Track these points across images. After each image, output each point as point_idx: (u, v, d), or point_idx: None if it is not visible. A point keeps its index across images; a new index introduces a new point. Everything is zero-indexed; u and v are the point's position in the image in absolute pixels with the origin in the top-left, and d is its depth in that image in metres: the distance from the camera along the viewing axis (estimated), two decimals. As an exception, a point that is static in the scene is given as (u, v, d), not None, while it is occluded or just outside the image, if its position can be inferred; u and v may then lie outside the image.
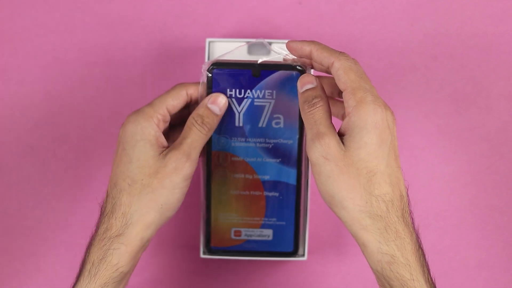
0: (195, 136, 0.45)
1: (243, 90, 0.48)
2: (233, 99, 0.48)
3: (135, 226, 0.44)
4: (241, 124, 0.49)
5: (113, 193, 0.45)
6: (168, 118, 0.47)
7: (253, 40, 0.50)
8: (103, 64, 0.63)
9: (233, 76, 0.47)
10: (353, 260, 0.61)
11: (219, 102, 0.47)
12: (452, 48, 0.63)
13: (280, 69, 0.47)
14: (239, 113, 0.48)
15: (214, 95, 0.47)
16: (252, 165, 0.50)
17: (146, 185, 0.44)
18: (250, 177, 0.50)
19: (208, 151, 0.49)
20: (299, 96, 0.45)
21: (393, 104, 0.62)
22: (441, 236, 0.61)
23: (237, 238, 0.53)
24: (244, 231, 0.52)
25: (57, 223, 0.62)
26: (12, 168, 0.62)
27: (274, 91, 0.48)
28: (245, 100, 0.48)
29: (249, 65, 0.47)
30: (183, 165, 0.44)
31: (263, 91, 0.48)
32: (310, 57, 0.46)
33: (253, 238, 0.53)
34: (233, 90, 0.47)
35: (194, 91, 0.48)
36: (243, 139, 0.49)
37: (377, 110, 0.41)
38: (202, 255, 0.58)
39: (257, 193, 0.51)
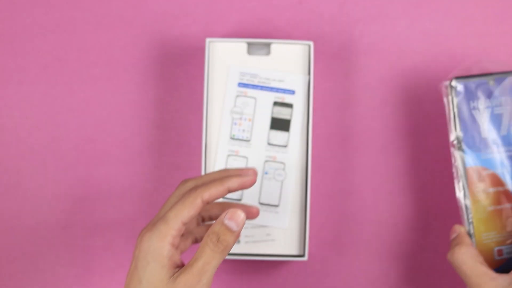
0: (208, 257, 0.43)
1: (483, 101, 0.50)
2: (476, 111, 0.50)
3: None
4: (485, 136, 0.50)
5: None
6: (183, 230, 0.44)
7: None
8: (103, 64, 0.63)
9: (472, 88, 0.50)
10: (353, 260, 0.61)
11: (236, 218, 0.43)
12: (452, 48, 0.63)
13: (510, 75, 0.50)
14: (482, 124, 0.50)
15: (231, 210, 0.43)
16: (501, 176, 0.51)
17: None
18: (501, 189, 0.51)
19: (462, 168, 0.50)
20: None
21: (393, 104, 0.62)
22: (441, 236, 0.61)
23: (500, 258, 0.51)
24: (505, 249, 0.51)
25: (57, 223, 0.61)
26: (12, 168, 0.62)
27: (509, 97, 0.50)
28: (486, 110, 0.50)
29: (484, 75, 0.50)
30: None
31: (499, 98, 0.50)
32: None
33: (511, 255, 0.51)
34: (475, 101, 0.50)
35: (209, 196, 0.44)
36: (490, 151, 0.50)
37: None
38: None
39: (507, 205, 0.51)
